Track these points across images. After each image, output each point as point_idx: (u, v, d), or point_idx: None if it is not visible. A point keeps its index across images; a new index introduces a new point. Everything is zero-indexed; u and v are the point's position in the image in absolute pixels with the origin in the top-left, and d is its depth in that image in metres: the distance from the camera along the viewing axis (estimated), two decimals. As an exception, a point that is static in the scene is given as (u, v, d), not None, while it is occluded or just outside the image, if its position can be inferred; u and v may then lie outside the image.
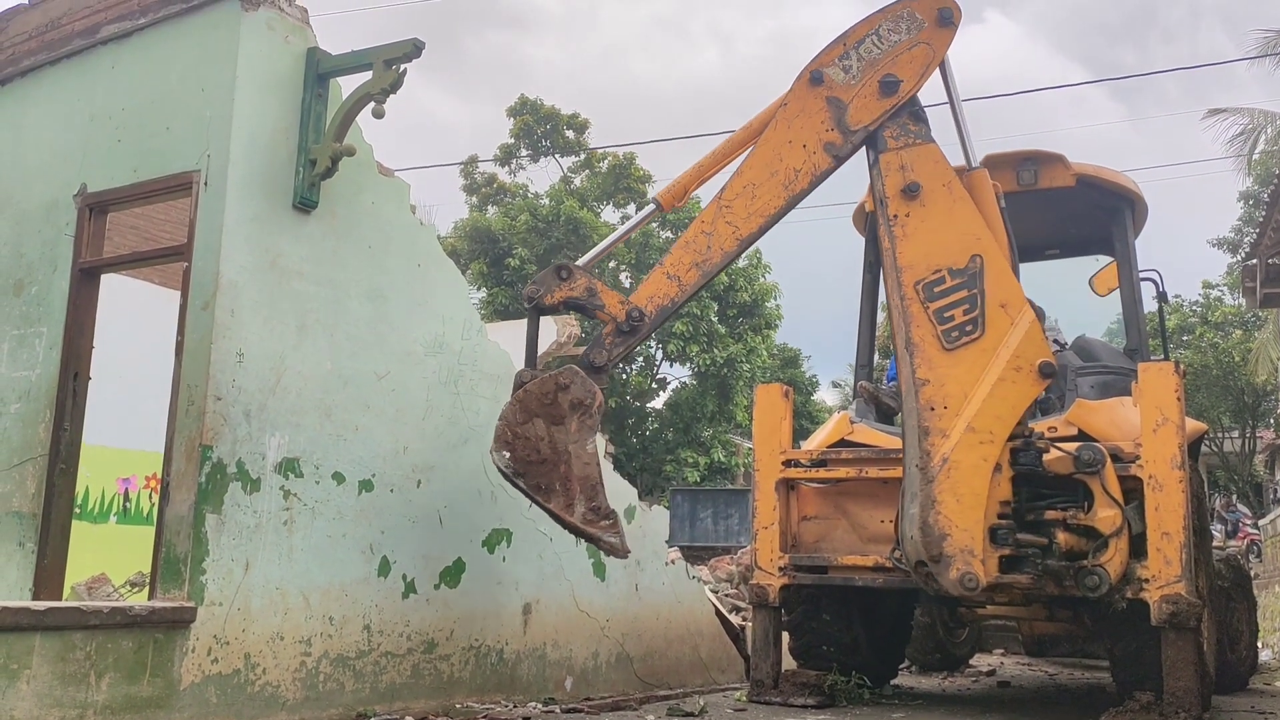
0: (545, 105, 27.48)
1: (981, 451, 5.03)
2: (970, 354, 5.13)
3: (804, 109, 5.39)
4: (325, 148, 5.22)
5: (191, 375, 4.80)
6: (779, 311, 27.25)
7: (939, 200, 5.29)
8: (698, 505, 23.12)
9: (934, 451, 5.00)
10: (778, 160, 5.36)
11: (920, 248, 5.25)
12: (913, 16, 5.43)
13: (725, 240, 5.31)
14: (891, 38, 5.41)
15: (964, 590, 4.93)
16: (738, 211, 5.33)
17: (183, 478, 4.68)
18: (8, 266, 5.86)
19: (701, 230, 5.33)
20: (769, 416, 6.41)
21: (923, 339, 5.16)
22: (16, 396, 5.63)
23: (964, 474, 4.99)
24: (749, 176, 5.37)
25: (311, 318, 5.23)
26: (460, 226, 27.12)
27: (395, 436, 5.58)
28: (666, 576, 7.46)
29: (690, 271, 5.32)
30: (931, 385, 5.10)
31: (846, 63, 5.40)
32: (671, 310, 5.38)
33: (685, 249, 5.34)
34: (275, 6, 5.24)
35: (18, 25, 6.29)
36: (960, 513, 4.94)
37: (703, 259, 5.33)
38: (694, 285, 5.34)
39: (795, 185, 5.34)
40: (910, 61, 5.37)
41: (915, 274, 5.22)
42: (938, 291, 5.18)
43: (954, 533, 4.92)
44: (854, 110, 5.36)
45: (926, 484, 4.96)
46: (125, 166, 5.39)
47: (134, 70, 5.52)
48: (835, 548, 6.26)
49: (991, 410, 5.07)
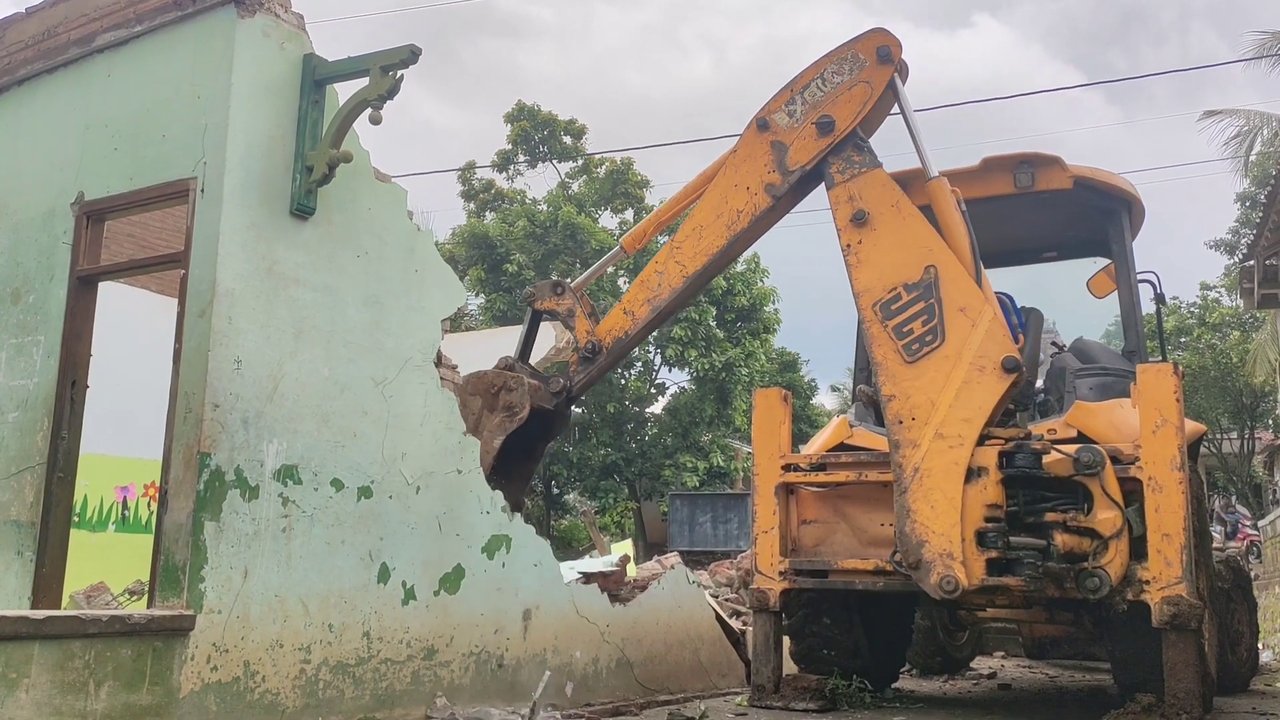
0: (543, 111, 27.48)
1: (951, 456, 5.15)
2: (933, 363, 5.27)
3: (750, 154, 5.71)
4: (322, 154, 5.21)
5: (189, 383, 4.79)
6: (777, 316, 27.24)
7: (888, 221, 5.49)
8: (696, 510, 23.10)
9: (905, 463, 5.18)
10: (723, 203, 5.67)
11: (874, 271, 5.44)
12: (855, 57, 5.64)
13: (673, 278, 5.68)
14: (835, 79, 5.67)
15: (944, 594, 5.04)
16: (686, 251, 5.67)
17: (181, 485, 4.66)
18: (5, 275, 5.85)
19: (655, 269, 5.73)
20: (768, 421, 6.41)
21: (884, 357, 5.37)
22: (14, 405, 5.61)
23: (936, 480, 5.12)
24: (698, 219, 5.70)
25: (309, 324, 5.22)
26: (458, 233, 27.10)
27: (393, 443, 5.57)
28: (665, 584, 7.45)
29: (643, 307, 5.84)
30: (897, 399, 5.27)
31: (791, 108, 5.72)
32: (627, 343, 5.79)
33: (640, 287, 5.76)
34: (271, 13, 5.24)
35: (14, 34, 6.28)
36: (935, 518, 5.06)
37: (653, 295, 5.74)
38: (645, 319, 5.88)
39: (737, 225, 5.64)
40: (849, 101, 5.58)
41: (872, 296, 5.47)
42: (895, 309, 5.39)
43: (930, 538, 5.04)
44: (794, 152, 5.63)
45: (901, 494, 5.17)
46: (122, 174, 5.39)
47: (130, 78, 5.51)
48: (835, 552, 6.25)
49: (958, 414, 5.16)
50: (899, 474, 5.17)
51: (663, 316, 5.88)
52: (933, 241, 5.40)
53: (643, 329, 5.83)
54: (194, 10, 5.23)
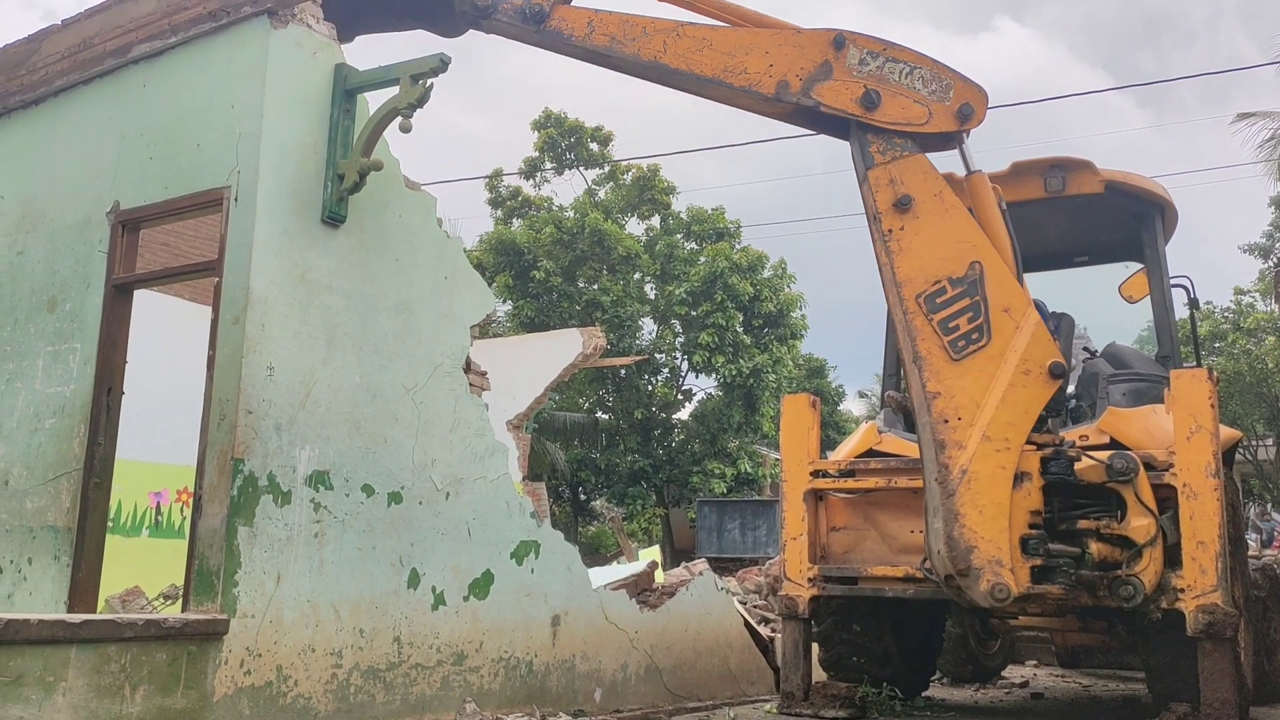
0: (569, 119, 27.57)
1: (999, 460, 5.00)
2: (978, 362, 5.10)
3: (802, 48, 5.34)
4: (353, 162, 5.26)
5: (223, 389, 4.84)
6: (804, 322, 27.14)
7: (931, 211, 5.26)
8: (725, 516, 23.03)
9: (951, 464, 4.97)
10: (745, 52, 5.30)
11: (917, 260, 5.22)
12: (945, 90, 5.38)
13: (649, 50, 5.23)
14: (915, 82, 5.36)
15: (995, 601, 4.88)
16: (680, 46, 5.25)
17: (215, 491, 4.71)
18: (42, 283, 5.95)
19: (643, 26, 5.25)
20: (796, 427, 6.39)
21: (929, 351, 5.14)
22: (51, 412, 5.69)
23: (983, 484, 4.96)
24: (713, 39, 5.30)
25: (340, 331, 5.27)
26: (486, 240, 27.21)
27: (424, 449, 5.60)
28: (694, 588, 7.44)
29: (605, 37, 5.23)
30: (943, 398, 5.07)
31: (869, 59, 5.34)
32: (562, 42, 5.25)
33: (621, 22, 5.25)
34: (303, 24, 5.30)
35: (50, 45, 6.39)
36: (983, 524, 4.91)
37: (622, 41, 5.23)
38: (595, 46, 5.23)
39: (730, 77, 5.27)
40: (904, 109, 5.33)
41: (915, 287, 5.20)
42: (940, 302, 5.16)
43: (980, 544, 4.88)
44: (830, 86, 5.30)
45: (948, 497, 4.93)
46: (157, 184, 5.46)
47: (165, 88, 5.59)
48: (865, 558, 6.22)
49: (1004, 417, 5.03)
50: (944, 475, 4.98)
51: (607, 61, 5.33)
52: (977, 237, 5.28)
53: (584, 49, 5.28)
54: (228, 21, 5.30)
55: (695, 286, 25.41)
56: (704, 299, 25.23)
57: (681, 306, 25.71)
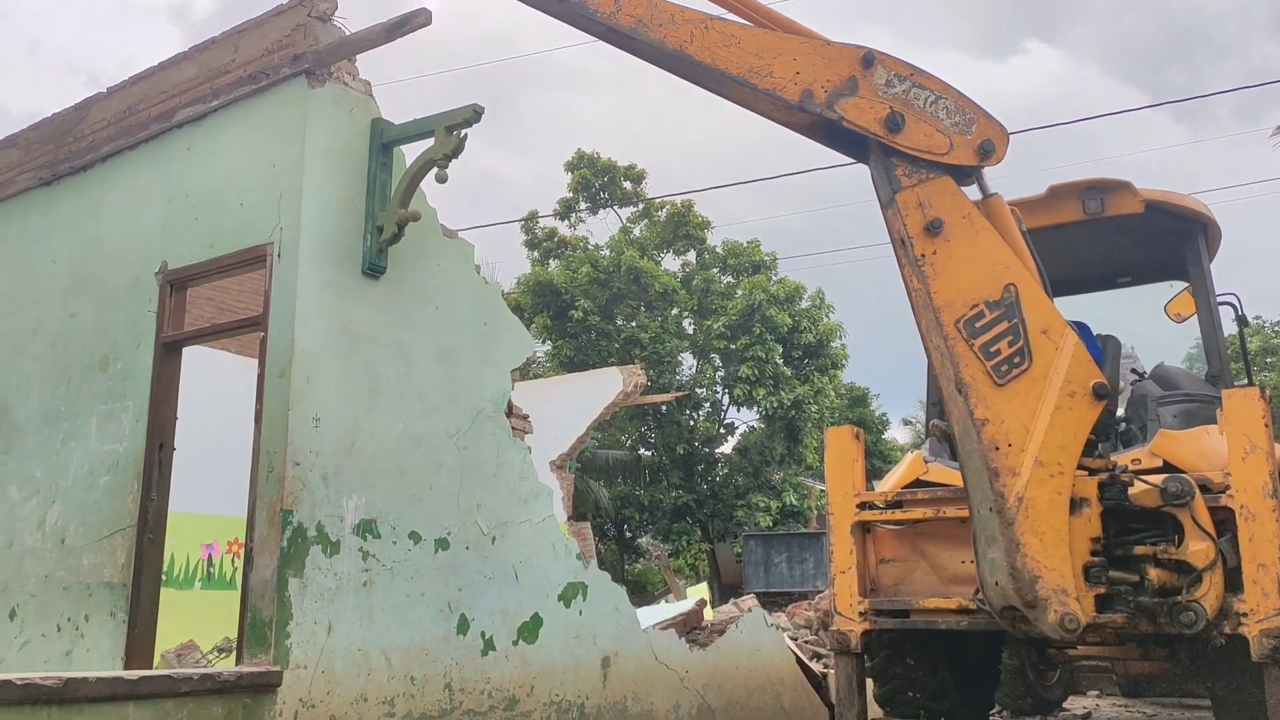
0: (602, 158, 27.82)
1: (1054, 485, 4.89)
2: (1023, 386, 5.01)
3: (830, 60, 5.21)
4: (391, 214, 5.35)
5: (271, 442, 4.91)
6: (845, 351, 27.01)
7: (963, 234, 5.17)
8: (771, 550, 22.84)
9: (1007, 492, 4.84)
10: (773, 55, 5.16)
11: (953, 284, 5.11)
12: (968, 123, 5.28)
13: (674, 39, 5.06)
14: (939, 111, 5.25)
15: (1065, 632, 4.74)
16: (709, 39, 5.10)
17: (265, 543, 4.77)
18: (94, 344, 6.09)
19: (674, 14, 5.09)
20: (840, 459, 6.34)
21: (974, 378, 5.03)
22: (105, 469, 5.81)
23: (1041, 511, 4.84)
24: (745, 35, 5.17)
25: (383, 380, 5.33)
26: (523, 281, 27.44)
27: (468, 494, 5.63)
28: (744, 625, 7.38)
29: (631, 19, 5.03)
30: (992, 424, 4.96)
31: (896, 81, 5.23)
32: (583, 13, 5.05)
33: (650, 6, 5.08)
34: (340, 82, 5.42)
35: (97, 113, 6.59)
36: (1045, 552, 4.79)
37: (648, 25, 5.05)
38: (619, 26, 5.03)
39: (755, 79, 5.13)
40: (926, 135, 5.22)
41: (954, 312, 5.09)
42: (979, 327, 5.05)
43: (1044, 574, 4.76)
44: (854, 103, 5.17)
45: (1006, 526, 4.80)
46: (203, 243, 5.59)
47: (208, 150, 5.74)
48: (916, 590, 6.13)
49: (1055, 441, 4.93)
50: (1000, 503, 4.85)
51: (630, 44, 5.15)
52: (1008, 258, 5.21)
53: (608, 27, 5.08)
54: (267, 83, 5.44)
55: (733, 320, 25.41)
56: (742, 332, 25.21)
57: (720, 340, 25.70)
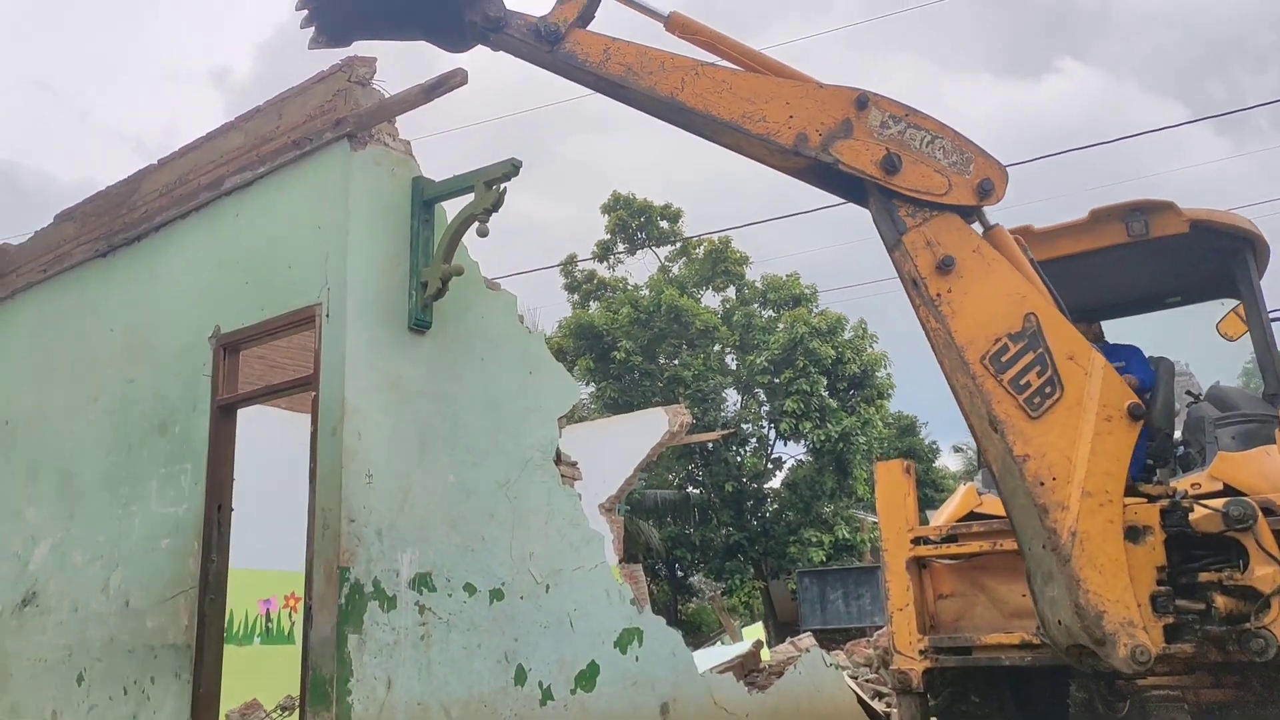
0: (638, 199, 28.03)
1: (1105, 514, 4.79)
2: (1058, 416, 4.91)
3: (825, 103, 5.16)
4: (435, 270, 5.44)
5: (325, 499, 4.98)
6: (890, 380, 26.78)
7: (975, 268, 5.08)
8: (827, 586, 22.56)
9: (1059, 527, 4.74)
10: (765, 100, 5.12)
11: (973, 321, 5.01)
12: (966, 163, 5.21)
13: (665, 85, 5.06)
14: (935, 152, 5.18)
15: (1137, 666, 4.61)
16: (700, 85, 5.09)
17: (324, 600, 4.82)
18: (151, 408, 6.23)
19: (661, 61, 5.09)
20: (892, 494, 6.28)
21: (1008, 414, 4.93)
22: (166, 532, 5.91)
23: (1097, 542, 4.74)
24: (733, 83, 5.15)
25: (432, 433, 5.39)
26: (564, 324, 27.61)
27: (521, 543, 5.66)
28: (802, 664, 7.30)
29: (620, 67, 5.05)
30: (1033, 459, 4.85)
31: (890, 122, 5.16)
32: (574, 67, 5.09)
33: (640, 54, 5.09)
34: (381, 143, 5.55)
35: (149, 184, 6.79)
36: (1106, 584, 4.69)
37: (639, 73, 5.07)
38: (610, 75, 5.05)
39: (748, 124, 5.10)
40: (923, 176, 5.15)
41: (977, 349, 4.98)
42: (1005, 361, 4.96)
43: (1109, 607, 4.65)
44: (849, 145, 5.12)
45: (1064, 563, 4.69)
46: (253, 306, 5.72)
47: (256, 216, 5.89)
48: (977, 626, 6.03)
49: (1099, 469, 4.83)
50: (1054, 540, 4.76)
51: (620, 92, 5.16)
52: (1024, 288, 5.15)
53: (597, 77, 5.09)
54: (311, 148, 5.58)
55: (776, 354, 25.33)
56: (786, 366, 25.12)
57: (764, 375, 25.62)
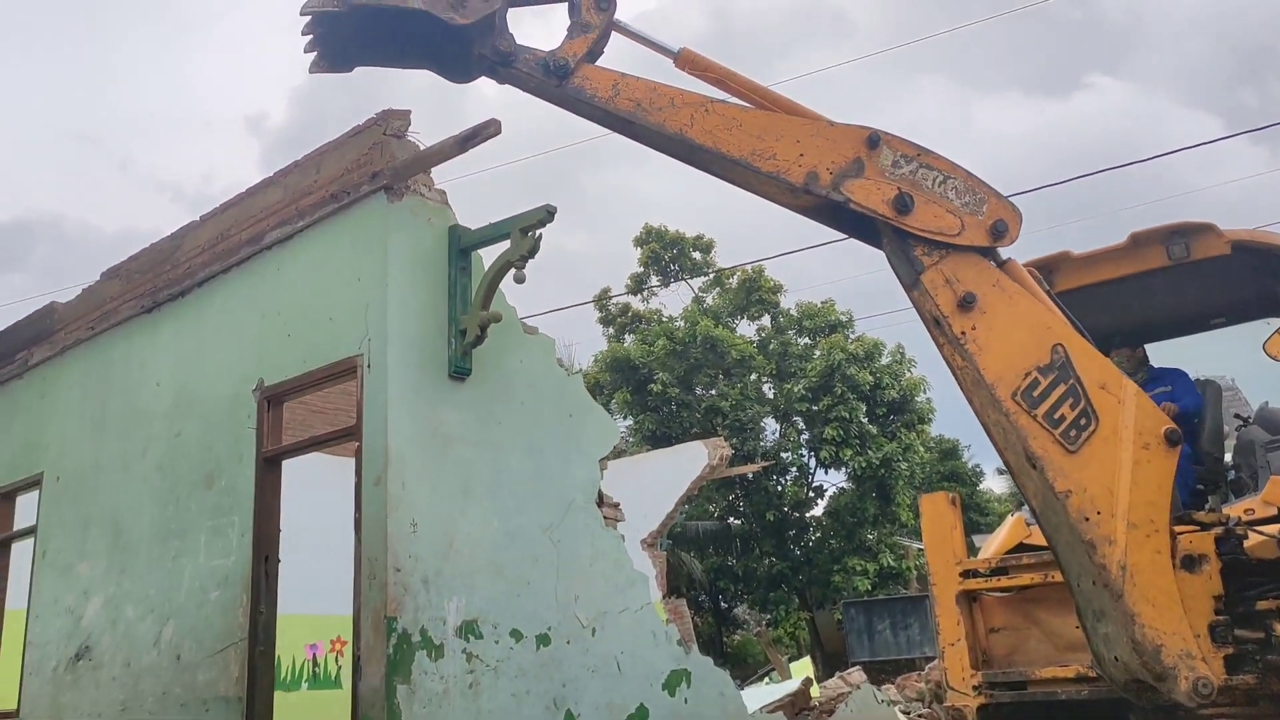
0: (670, 231, 28.13)
1: (1152, 545, 4.69)
2: (1096, 448, 4.81)
3: (835, 141, 5.11)
4: (473, 317, 5.49)
5: (371, 549, 5.01)
6: (930, 405, 26.53)
7: (997, 303, 4.99)
8: (873, 617, 22.25)
9: (1108, 563, 4.65)
10: (776, 138, 5.08)
11: (1000, 356, 4.90)
12: (979, 203, 5.11)
13: (674, 122, 5.02)
14: (949, 192, 5.08)
15: (1200, 699, 4.49)
16: (708, 122, 5.04)
17: (372, 651, 4.84)
18: (199, 461, 6.31)
19: (670, 97, 5.06)
20: (938, 527, 6.21)
21: (1045, 449, 4.84)
22: (215, 584, 5.97)
23: (1147, 575, 4.64)
24: (744, 120, 5.09)
25: (475, 479, 5.42)
26: (600, 358, 27.67)
27: (566, 587, 5.65)
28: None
29: (629, 102, 5.02)
30: (1075, 494, 4.76)
31: (902, 161, 5.08)
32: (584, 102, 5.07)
33: (649, 90, 5.05)
34: (417, 194, 5.62)
35: (191, 240, 6.92)
36: (1161, 617, 4.59)
37: (648, 109, 5.04)
38: (619, 110, 5.01)
39: (758, 161, 5.05)
40: (936, 216, 5.05)
41: (1008, 385, 4.89)
42: (1037, 395, 4.86)
43: (1166, 640, 4.55)
44: (860, 184, 5.05)
45: (1116, 599, 4.61)
46: (296, 358, 5.79)
47: (297, 269, 5.98)
48: (1030, 660, 5.92)
49: (1142, 499, 4.73)
50: (1104, 575, 4.67)
51: (629, 128, 5.13)
52: (1049, 318, 5.07)
53: (606, 112, 5.06)
54: (349, 201, 5.67)
55: (813, 381, 25.21)
56: (824, 393, 24.98)
57: (802, 403, 25.49)
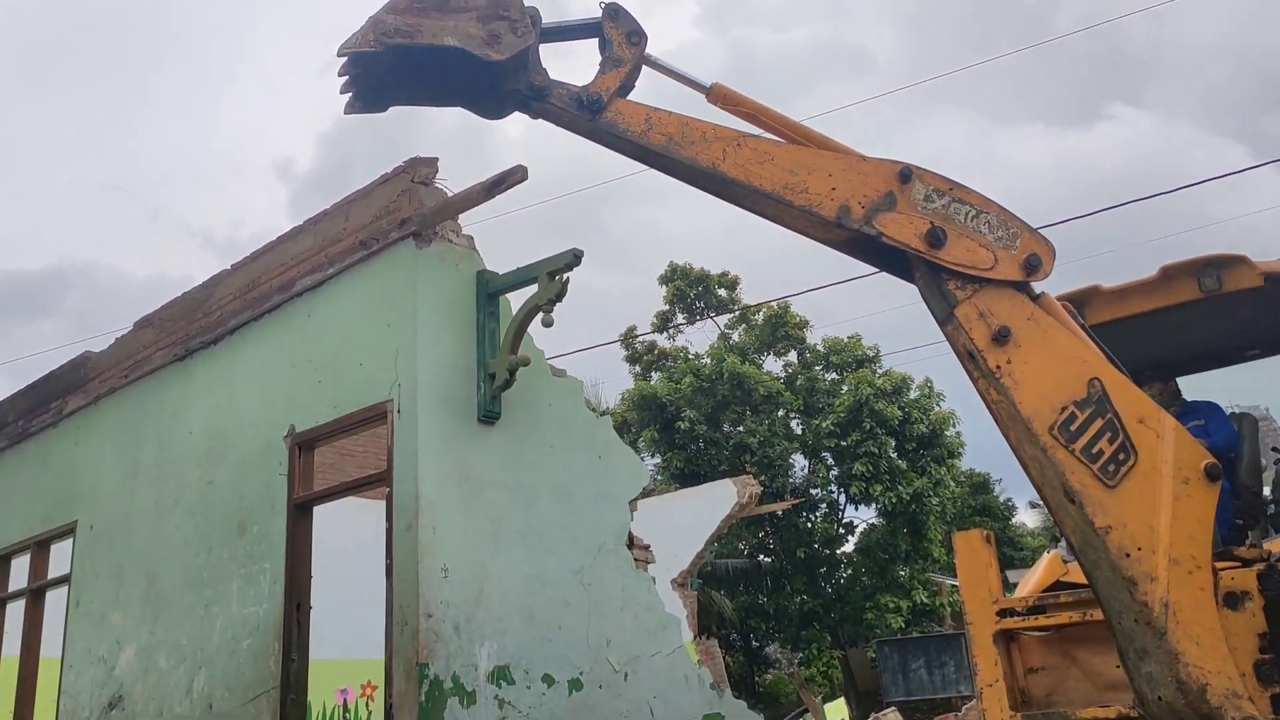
0: (695, 269, 28.22)
1: (1195, 581, 4.60)
2: (1135, 484, 4.74)
3: (868, 175, 5.07)
4: (502, 361, 5.52)
5: (403, 595, 5.00)
6: (960, 439, 26.29)
7: (1031, 336, 4.98)
8: (908, 655, 21.92)
9: (1150, 600, 4.56)
10: (808, 172, 5.07)
11: (1037, 391, 4.88)
12: (1012, 238, 5.01)
13: (707, 155, 5.02)
14: (980, 227, 5.12)
15: None
16: (742, 156, 5.03)
17: (404, 699, 4.82)
18: (231, 509, 6.34)
19: (702, 131, 5.05)
20: (973, 565, 6.11)
21: (1084, 485, 4.78)
22: (247, 632, 5.97)
23: (1190, 613, 4.55)
24: (778, 151, 5.08)
25: (505, 524, 5.41)
26: (627, 397, 27.66)
27: (597, 631, 5.61)
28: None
29: (663, 136, 5.01)
30: (1115, 530, 4.69)
31: (935, 195, 5.00)
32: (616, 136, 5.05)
33: (681, 124, 5.04)
34: (445, 240, 5.68)
35: (223, 289, 7.01)
36: (1205, 656, 4.50)
37: (680, 143, 5.04)
38: (652, 144, 4.99)
39: (791, 195, 5.03)
40: (969, 251, 4.96)
41: (1044, 420, 4.85)
42: (1074, 430, 4.81)
43: (1211, 680, 4.46)
44: (893, 218, 4.99)
45: (1159, 638, 4.51)
46: (326, 404, 5.83)
47: (327, 316, 6.03)
48: (1071, 700, 5.79)
49: (1183, 534, 4.65)
50: (1146, 613, 4.58)
51: (660, 161, 5.11)
52: (1085, 352, 5.02)
53: (638, 146, 5.03)
54: (378, 248, 5.73)
55: (842, 417, 25.07)
56: (852, 428, 24.83)
57: (830, 439, 25.33)
